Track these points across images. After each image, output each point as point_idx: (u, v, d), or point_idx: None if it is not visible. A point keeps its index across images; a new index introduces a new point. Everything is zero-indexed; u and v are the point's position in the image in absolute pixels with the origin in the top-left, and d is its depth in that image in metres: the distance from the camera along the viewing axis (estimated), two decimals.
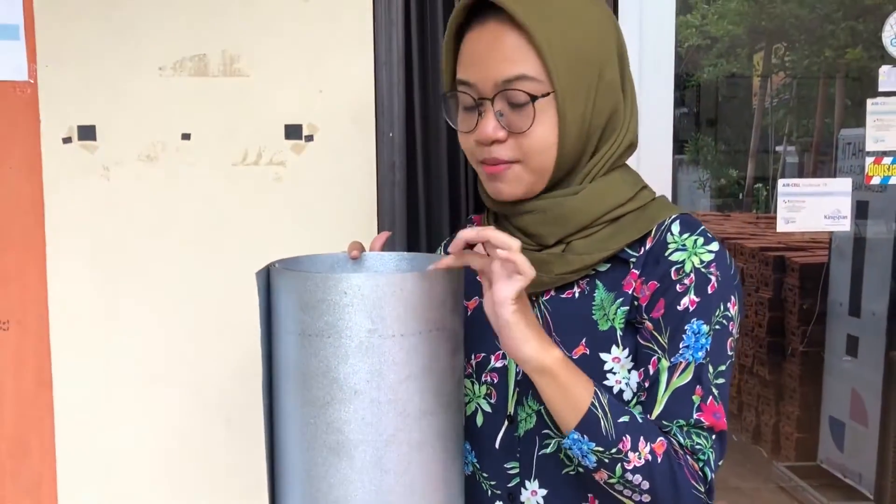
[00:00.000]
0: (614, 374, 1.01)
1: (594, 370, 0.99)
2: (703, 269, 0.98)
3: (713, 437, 0.97)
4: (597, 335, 1.02)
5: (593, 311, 1.03)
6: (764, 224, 5.43)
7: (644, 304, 1.00)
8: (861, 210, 3.17)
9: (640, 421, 0.94)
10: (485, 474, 1.08)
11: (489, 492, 1.08)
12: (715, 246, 1.00)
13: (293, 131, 1.48)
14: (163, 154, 1.47)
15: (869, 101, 1.84)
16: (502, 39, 0.97)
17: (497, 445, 1.06)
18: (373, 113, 1.48)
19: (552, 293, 1.05)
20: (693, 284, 0.98)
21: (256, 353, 1.02)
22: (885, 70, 1.83)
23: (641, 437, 0.92)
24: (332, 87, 1.47)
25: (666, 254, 1.00)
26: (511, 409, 1.05)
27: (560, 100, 0.97)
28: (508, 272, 0.89)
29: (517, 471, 1.05)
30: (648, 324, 0.99)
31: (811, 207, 1.85)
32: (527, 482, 1.05)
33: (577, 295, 1.04)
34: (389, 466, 0.93)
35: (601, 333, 1.01)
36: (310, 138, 1.48)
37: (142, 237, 1.48)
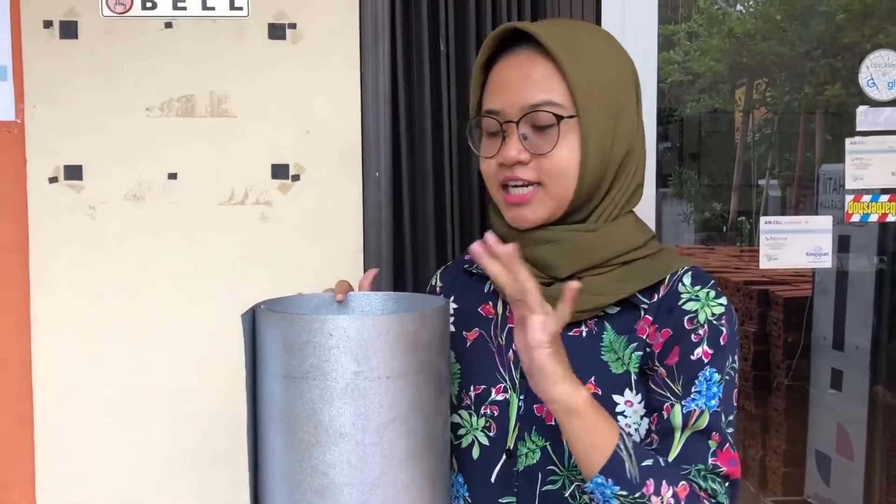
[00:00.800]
0: (625, 416, 1.01)
1: (606, 410, 0.99)
2: (714, 322, 1.01)
3: (727, 484, 0.98)
4: (610, 377, 1.02)
5: (602, 353, 1.03)
6: (748, 258, 5.46)
7: (657, 352, 1.02)
8: (843, 244, 3.21)
9: (663, 465, 0.95)
10: None
11: None
12: (724, 300, 1.03)
13: (280, 171, 1.49)
14: (149, 194, 1.47)
15: (847, 141, 1.88)
16: (533, 68, 1.01)
17: (493, 479, 1.06)
18: (359, 153, 1.49)
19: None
20: (707, 336, 1.00)
21: (241, 394, 1.02)
22: (862, 110, 1.87)
23: (664, 481, 0.93)
24: (319, 128, 1.49)
25: (679, 303, 1.02)
26: (511, 444, 1.05)
27: (584, 125, 1.00)
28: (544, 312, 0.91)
29: None
30: (662, 370, 1.01)
31: (793, 244, 1.87)
32: None
33: (584, 334, 1.05)
34: None
35: (615, 376, 1.02)
36: (296, 178, 1.49)
37: (127, 277, 1.48)
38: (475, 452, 1.08)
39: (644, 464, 0.93)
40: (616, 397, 1.02)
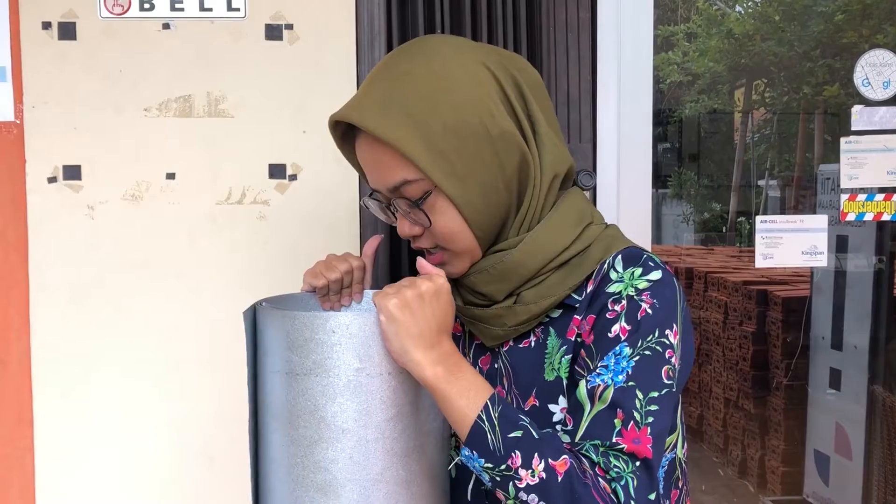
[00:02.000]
0: (566, 425, 0.96)
1: (544, 422, 0.98)
2: (635, 297, 0.96)
3: (636, 463, 0.90)
4: (544, 385, 1.00)
5: (545, 360, 1.02)
6: (747, 258, 5.47)
7: (585, 340, 0.98)
8: (841, 244, 3.21)
9: (537, 437, 0.89)
10: None
11: None
12: (655, 275, 0.97)
13: (277, 171, 1.50)
14: (147, 194, 1.48)
15: (843, 140, 1.88)
16: (373, 151, 0.99)
17: (469, 497, 1.06)
18: None
19: (511, 343, 1.05)
20: (624, 311, 0.95)
21: (240, 392, 1.03)
22: (857, 109, 1.88)
23: (536, 454, 0.87)
24: (315, 128, 1.49)
25: (605, 287, 0.98)
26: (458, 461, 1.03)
27: (446, 188, 0.96)
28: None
29: None
30: (582, 351, 0.97)
31: (788, 243, 1.87)
32: None
33: (532, 344, 1.03)
34: None
35: (548, 384, 1.00)
36: (293, 177, 1.50)
37: (126, 276, 1.48)
38: (453, 471, 1.07)
39: (511, 435, 0.88)
40: (552, 406, 0.99)
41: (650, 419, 0.92)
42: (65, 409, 1.49)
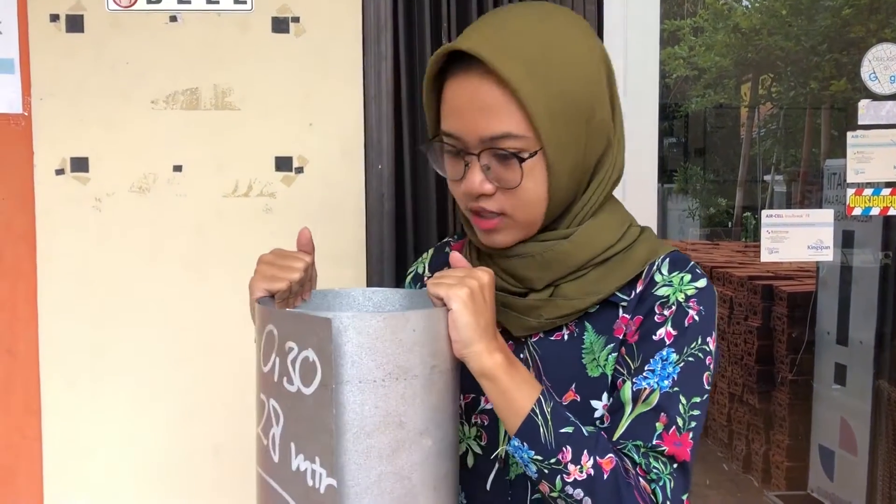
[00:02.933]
0: (605, 423, 0.98)
1: (585, 418, 0.98)
2: (683, 304, 0.98)
3: (674, 465, 0.93)
4: (587, 382, 1.00)
5: (583, 355, 1.01)
6: (752, 253, 5.46)
7: (629, 339, 0.99)
8: (847, 239, 3.20)
9: (587, 434, 0.91)
10: None
11: None
12: (702, 283, 0.99)
13: (283, 163, 1.50)
14: (154, 186, 1.49)
15: (849, 134, 1.88)
16: (484, 94, 0.92)
17: (488, 488, 1.05)
18: (362, 145, 1.50)
19: (541, 335, 1.04)
20: (672, 317, 0.97)
21: (245, 383, 1.03)
22: (864, 104, 1.87)
23: (585, 451, 0.90)
24: (322, 121, 1.50)
25: (653, 290, 0.99)
26: (503, 452, 1.04)
27: (549, 155, 0.93)
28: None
29: None
30: (623, 349, 0.99)
31: (794, 238, 1.87)
32: None
33: (566, 337, 1.02)
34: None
35: (592, 380, 1.00)
36: (300, 170, 1.51)
37: (133, 268, 1.49)
38: (469, 461, 1.07)
39: (562, 430, 0.90)
40: (594, 402, 1.00)
41: (692, 424, 0.95)
42: (72, 399, 1.50)
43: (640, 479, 0.92)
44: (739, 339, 4.07)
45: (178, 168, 1.49)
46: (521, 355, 1.04)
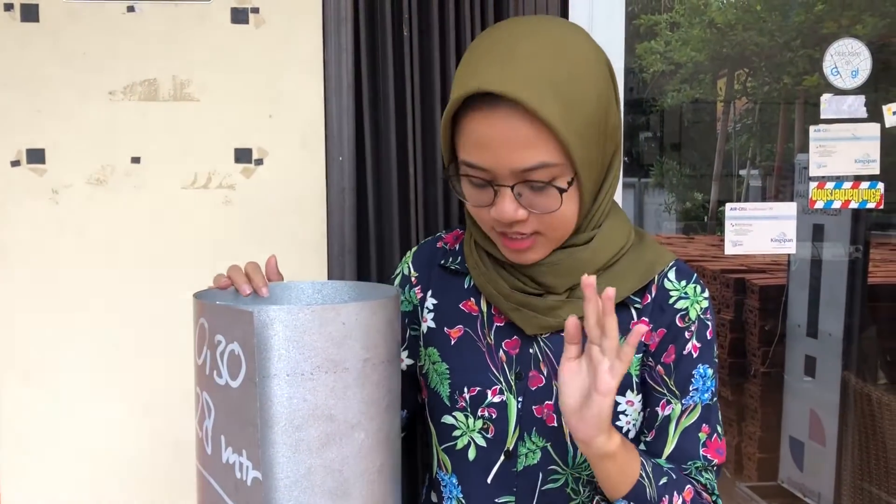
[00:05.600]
0: (626, 415, 1.06)
1: None
2: (702, 317, 1.05)
3: (715, 469, 1.06)
4: None
5: None
6: None
7: (653, 350, 1.05)
8: (817, 233, 3.23)
9: (675, 477, 1.00)
10: None
11: None
12: (707, 293, 1.06)
13: (243, 155, 1.49)
14: (112, 177, 1.47)
15: (811, 128, 1.90)
16: (517, 128, 0.91)
17: (490, 480, 1.06)
18: (323, 137, 1.49)
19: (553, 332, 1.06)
20: (696, 331, 1.05)
21: None
22: (826, 98, 1.89)
23: (675, 492, 0.98)
24: (281, 112, 1.49)
25: (670, 302, 1.05)
26: (511, 445, 1.05)
27: (582, 177, 0.95)
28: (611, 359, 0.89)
29: None
30: (660, 368, 1.04)
31: (757, 230, 1.89)
32: None
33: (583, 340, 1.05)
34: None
35: None
36: (259, 162, 1.50)
37: (90, 260, 1.48)
38: (471, 454, 1.07)
39: (661, 483, 0.97)
40: (618, 398, 1.04)
41: (720, 428, 1.08)
42: (28, 393, 1.48)
43: (706, 496, 1.04)
44: None
45: (136, 160, 1.48)
46: (531, 350, 1.06)
